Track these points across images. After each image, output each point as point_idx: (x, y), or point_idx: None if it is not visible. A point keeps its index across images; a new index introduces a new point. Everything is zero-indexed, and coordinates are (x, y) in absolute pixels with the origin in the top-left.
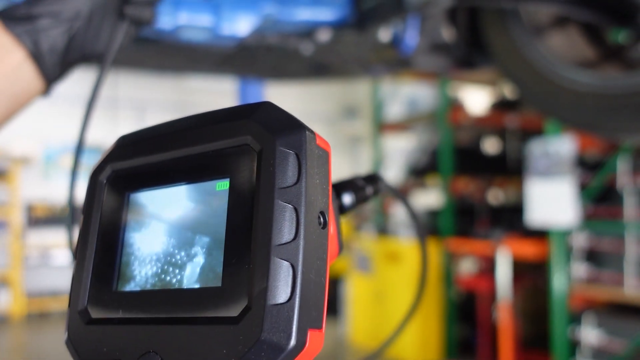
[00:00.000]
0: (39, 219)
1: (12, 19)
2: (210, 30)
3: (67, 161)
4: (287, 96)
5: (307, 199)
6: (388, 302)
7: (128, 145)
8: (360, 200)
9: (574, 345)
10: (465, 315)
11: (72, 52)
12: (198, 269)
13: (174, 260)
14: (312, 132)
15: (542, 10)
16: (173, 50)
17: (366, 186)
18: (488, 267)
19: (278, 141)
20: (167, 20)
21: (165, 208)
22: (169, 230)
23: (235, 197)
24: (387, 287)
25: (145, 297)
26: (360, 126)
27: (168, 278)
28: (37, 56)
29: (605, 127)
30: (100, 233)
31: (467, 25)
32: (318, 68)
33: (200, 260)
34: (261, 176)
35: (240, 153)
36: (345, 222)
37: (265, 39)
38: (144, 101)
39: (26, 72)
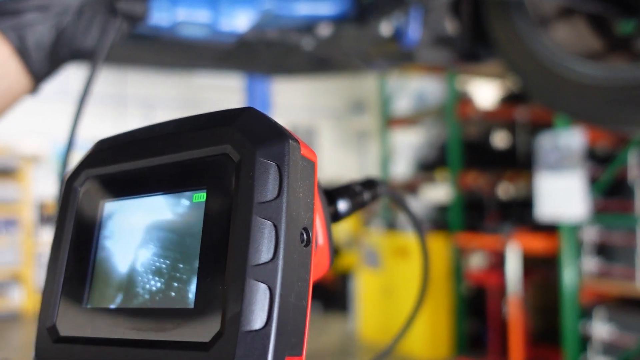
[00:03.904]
0: (50, 216)
1: None
2: (209, 26)
3: (78, 159)
4: (294, 92)
5: (288, 215)
6: (397, 297)
7: (105, 150)
8: (357, 206)
9: (584, 340)
10: (475, 310)
11: (60, 48)
12: (171, 288)
13: (146, 277)
14: (296, 141)
15: (548, 2)
16: (172, 47)
17: (363, 191)
18: (498, 262)
19: (258, 151)
20: (165, 16)
21: (139, 219)
22: (144, 244)
23: (212, 210)
24: (396, 282)
25: (116, 316)
26: (367, 121)
27: (140, 296)
28: (23, 52)
29: (613, 119)
30: (72, 244)
31: (471, 17)
32: (320, 63)
33: (173, 278)
34: (239, 189)
35: (218, 163)
36: (354, 217)
37: (265, 34)
38: (152, 98)
39: (12, 69)
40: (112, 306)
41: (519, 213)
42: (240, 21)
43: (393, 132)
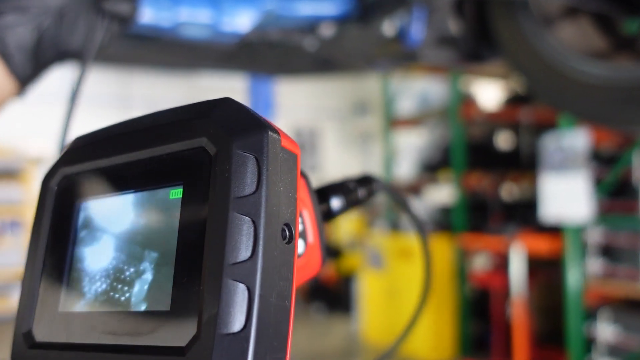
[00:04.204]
0: None
1: None
2: (211, 27)
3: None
4: (297, 93)
5: (267, 210)
6: (401, 298)
7: (82, 147)
8: (352, 203)
9: (589, 342)
10: (479, 311)
11: (44, 50)
12: (146, 290)
13: (122, 277)
14: (276, 132)
15: (552, 1)
16: (174, 47)
17: (358, 188)
18: (502, 263)
19: (235, 143)
20: (166, 17)
21: (116, 219)
22: (119, 244)
23: (188, 207)
24: (400, 283)
25: (91, 319)
26: (371, 122)
27: (116, 298)
28: (4, 54)
29: (618, 119)
30: (49, 247)
31: (475, 17)
32: (323, 63)
33: (149, 279)
34: (216, 184)
35: (195, 157)
36: (358, 218)
37: (268, 35)
38: (158, 99)
39: None
40: (88, 310)
41: (523, 214)
42: (242, 21)
43: (396, 133)
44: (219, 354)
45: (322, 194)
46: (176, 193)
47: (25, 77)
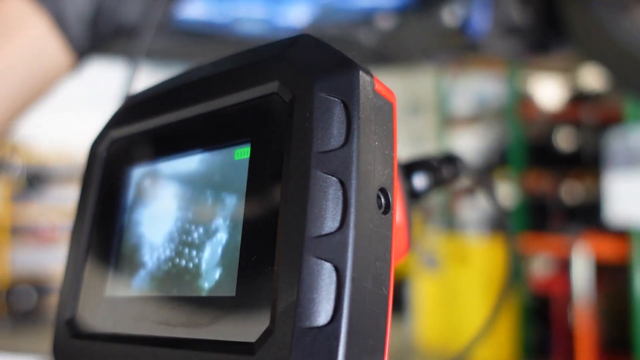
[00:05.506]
0: None
1: None
2: (266, 22)
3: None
4: None
5: (360, 169)
6: (457, 302)
7: (133, 107)
8: (438, 183)
9: None
10: (539, 316)
11: (102, 22)
12: (208, 271)
13: (179, 258)
14: (369, 73)
15: None
16: (228, 44)
17: (442, 167)
18: (563, 267)
19: (317, 85)
20: (221, 12)
21: (171, 187)
22: (176, 218)
23: (257, 168)
24: (457, 286)
25: (141, 306)
26: (423, 122)
27: (170, 281)
28: (63, 25)
29: None
30: (95, 221)
31: (542, 4)
32: (377, 58)
33: (211, 258)
34: (293, 137)
35: (265, 107)
36: (414, 215)
37: (323, 29)
38: None
39: (51, 44)
40: (137, 295)
41: (586, 216)
42: (298, 16)
43: (451, 134)
44: (299, 354)
45: (403, 170)
46: (242, 153)
47: (82, 50)
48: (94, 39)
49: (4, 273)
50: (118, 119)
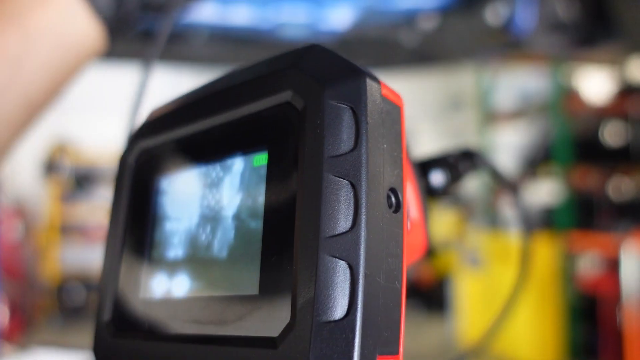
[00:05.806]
0: None
1: None
2: (309, 26)
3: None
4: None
5: (369, 171)
6: (500, 301)
7: (158, 118)
8: (454, 179)
9: None
10: (587, 317)
11: None
12: (232, 271)
13: (205, 260)
14: (376, 79)
15: None
16: (273, 49)
17: (459, 163)
18: (612, 266)
19: (327, 93)
20: (265, 18)
21: (195, 194)
22: (201, 223)
23: (275, 173)
24: (500, 285)
25: (173, 307)
26: (465, 118)
27: (198, 282)
28: None
29: None
30: (128, 227)
31: None
32: (420, 57)
33: (235, 259)
34: (305, 143)
35: (279, 115)
36: (452, 214)
37: (366, 31)
38: None
39: (79, 18)
40: (169, 296)
41: (635, 212)
42: (340, 19)
43: (493, 129)
44: (317, 346)
45: (420, 168)
46: (261, 159)
47: (110, 22)
48: (121, 15)
49: (55, 271)
50: (145, 130)
